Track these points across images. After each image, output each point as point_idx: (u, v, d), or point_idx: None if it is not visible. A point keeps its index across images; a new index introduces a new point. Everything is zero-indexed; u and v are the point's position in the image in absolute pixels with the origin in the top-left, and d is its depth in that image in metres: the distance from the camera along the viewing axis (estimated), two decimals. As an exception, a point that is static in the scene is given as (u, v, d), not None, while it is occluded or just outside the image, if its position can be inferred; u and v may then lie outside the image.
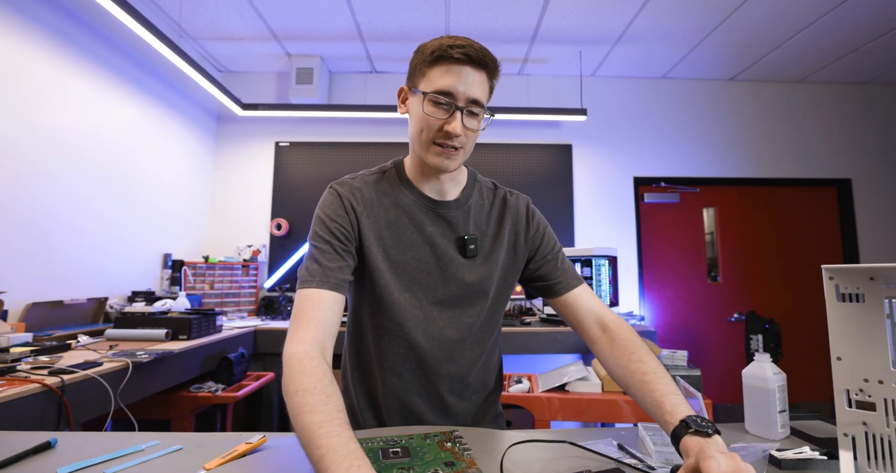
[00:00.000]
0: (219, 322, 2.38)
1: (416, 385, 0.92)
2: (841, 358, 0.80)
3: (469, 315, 0.93)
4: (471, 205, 0.96)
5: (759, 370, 0.99)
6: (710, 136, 3.71)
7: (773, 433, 0.95)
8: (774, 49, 3.24)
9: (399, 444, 0.75)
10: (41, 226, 2.16)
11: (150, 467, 0.67)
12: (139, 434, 0.81)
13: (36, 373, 1.36)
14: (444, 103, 0.82)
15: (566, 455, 0.76)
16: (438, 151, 0.85)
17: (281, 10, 2.85)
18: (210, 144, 3.61)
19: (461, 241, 0.93)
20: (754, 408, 0.97)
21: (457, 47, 0.80)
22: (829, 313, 0.81)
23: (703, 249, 3.69)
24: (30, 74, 2.09)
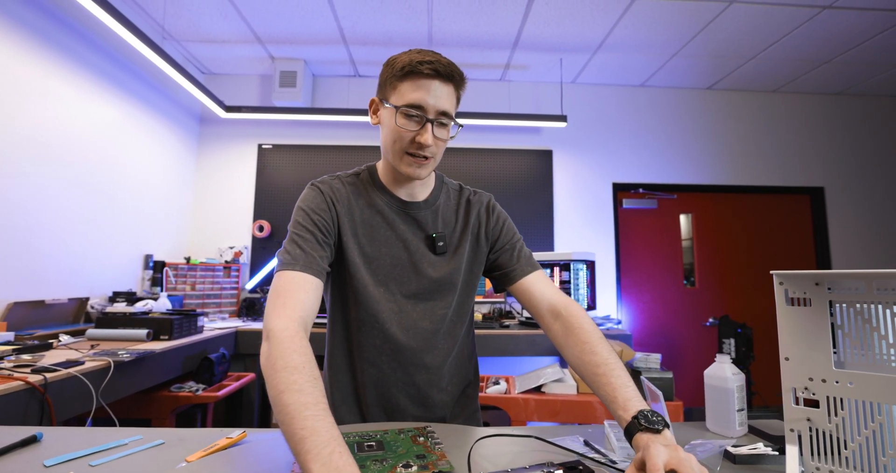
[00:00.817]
0: (200, 323, 2.38)
1: (393, 377, 0.96)
2: (789, 358, 0.84)
3: (441, 307, 0.99)
4: (439, 205, 1.03)
5: (720, 371, 1.04)
6: (687, 143, 3.80)
7: (732, 430, 0.99)
8: (750, 60, 3.34)
9: (374, 438, 0.79)
10: (22, 226, 2.15)
11: (134, 460, 0.69)
12: (123, 429, 0.83)
13: (18, 371, 1.37)
14: (416, 116, 0.86)
15: (533, 449, 0.79)
16: (410, 160, 0.90)
17: (265, 14, 2.86)
18: (192, 145, 3.60)
19: (430, 239, 0.99)
20: (714, 407, 1.02)
21: (426, 63, 0.84)
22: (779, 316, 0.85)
23: (679, 254, 3.78)
24: (10, 74, 2.08)
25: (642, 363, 2.23)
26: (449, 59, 0.89)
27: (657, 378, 2.12)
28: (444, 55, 0.91)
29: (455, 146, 3.65)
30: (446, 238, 1.00)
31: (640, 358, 2.25)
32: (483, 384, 2.31)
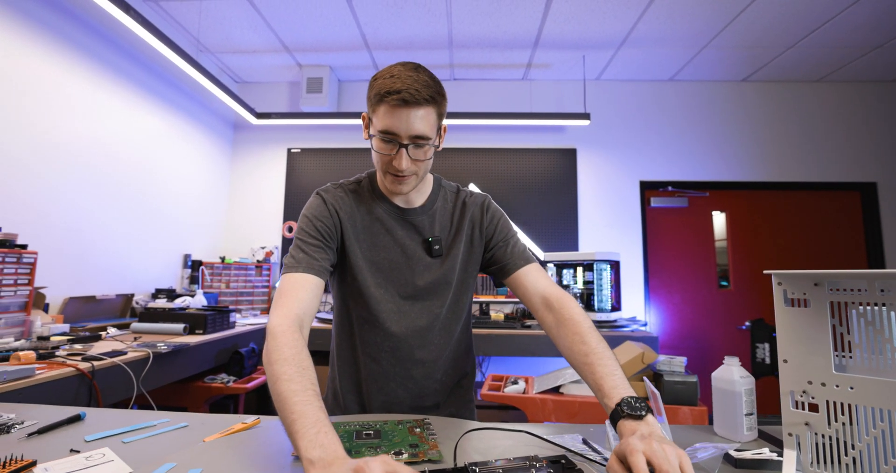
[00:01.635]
0: (232, 319, 2.51)
1: (392, 371, 1.03)
2: (787, 361, 0.82)
3: (436, 306, 1.04)
4: (436, 209, 1.07)
5: (728, 374, 1.01)
6: (720, 139, 3.66)
7: (739, 434, 0.97)
8: (788, 49, 3.19)
9: (373, 428, 0.83)
10: (75, 229, 2.35)
11: (160, 439, 0.78)
12: (153, 412, 0.93)
13: (71, 359, 1.52)
14: (390, 141, 0.90)
15: (524, 443, 0.81)
16: (392, 179, 0.95)
17: (291, 24, 2.98)
18: (227, 151, 3.78)
19: (427, 243, 1.03)
20: (722, 410, 1.00)
21: (394, 93, 0.85)
22: (777, 317, 0.83)
23: (712, 254, 3.64)
24: (62, 89, 2.27)
25: (665, 366, 2.17)
26: (425, 77, 0.89)
27: (680, 382, 2.06)
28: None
29: (478, 147, 3.67)
30: (442, 241, 1.04)
31: (663, 361, 2.19)
32: (501, 384, 2.32)
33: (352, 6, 2.77)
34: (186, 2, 2.75)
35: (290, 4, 2.76)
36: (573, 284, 2.92)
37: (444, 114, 0.95)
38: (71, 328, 2.02)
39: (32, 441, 0.76)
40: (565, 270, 2.97)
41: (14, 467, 0.61)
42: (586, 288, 2.87)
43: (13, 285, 1.81)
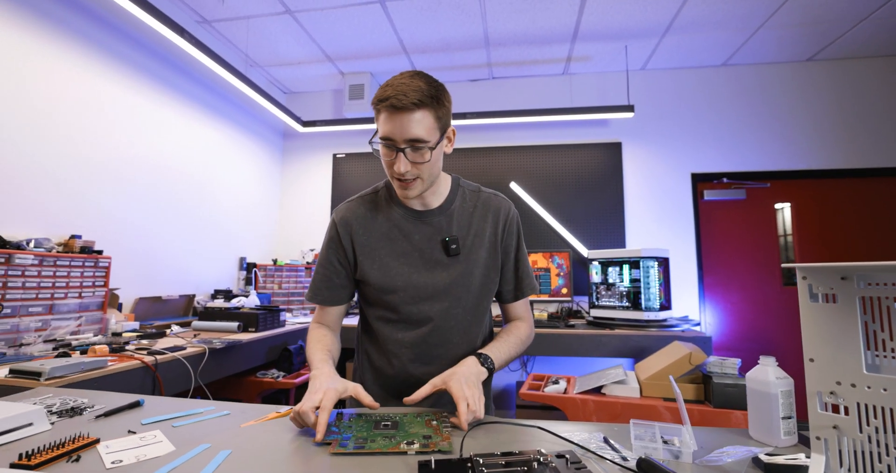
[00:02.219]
0: (282, 318, 2.64)
1: (411, 366, 1.08)
2: (813, 360, 0.78)
3: (454, 307, 1.07)
4: (454, 209, 1.09)
5: (762, 374, 0.96)
6: (781, 125, 3.41)
7: (776, 439, 0.91)
8: (860, 22, 2.91)
9: (392, 419, 0.87)
10: (143, 236, 2.59)
11: (204, 424, 0.87)
12: (201, 401, 1.03)
13: (139, 353, 1.69)
14: (389, 147, 0.94)
15: (537, 438, 0.82)
16: (398, 183, 1.00)
17: (332, 35, 3.11)
18: (277, 158, 4.00)
19: (444, 242, 1.06)
20: (757, 413, 0.95)
21: (384, 100, 0.90)
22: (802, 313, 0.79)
23: (775, 250, 3.40)
24: (130, 107, 2.52)
25: (716, 368, 2.06)
26: (418, 82, 0.92)
27: (731, 385, 1.95)
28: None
29: (519, 144, 3.64)
30: (459, 241, 1.07)
31: (713, 362, 2.07)
32: (541, 384, 2.30)
33: (388, 13, 2.84)
34: (235, 21, 2.94)
35: (329, 16, 2.88)
36: (619, 282, 2.83)
37: (444, 117, 0.97)
38: (140, 325, 2.23)
39: (98, 423, 0.87)
40: (611, 268, 2.88)
41: (81, 443, 0.73)
42: (633, 286, 2.77)
43: (91, 287, 2.03)
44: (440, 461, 0.68)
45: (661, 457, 0.78)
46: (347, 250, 1.08)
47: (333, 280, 1.10)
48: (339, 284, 1.10)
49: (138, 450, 0.73)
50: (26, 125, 1.97)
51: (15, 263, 1.74)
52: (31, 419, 0.81)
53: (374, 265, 1.06)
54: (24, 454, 0.67)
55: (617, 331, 2.62)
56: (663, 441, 0.82)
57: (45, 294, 1.85)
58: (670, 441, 0.82)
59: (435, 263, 1.06)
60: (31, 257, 1.80)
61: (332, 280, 1.10)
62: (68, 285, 1.94)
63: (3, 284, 1.70)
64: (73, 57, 2.18)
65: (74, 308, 1.96)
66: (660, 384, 2.10)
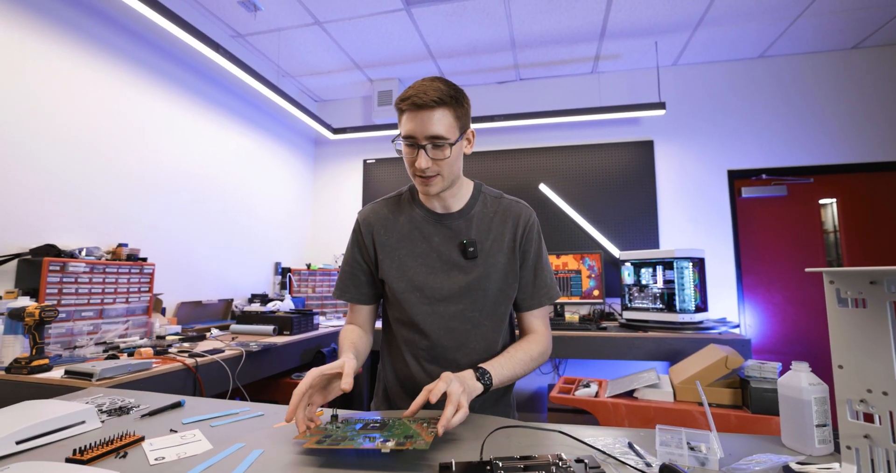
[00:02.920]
0: (316, 321, 2.71)
1: (429, 369, 1.09)
2: (842, 367, 0.76)
3: (472, 310, 1.08)
4: (474, 214, 1.11)
5: (794, 380, 0.94)
6: (824, 117, 3.25)
7: (810, 447, 0.89)
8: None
9: (382, 422, 0.86)
10: (185, 243, 2.72)
11: (239, 424, 0.92)
12: (238, 402, 1.09)
13: (180, 356, 1.78)
14: (411, 144, 0.99)
15: (557, 443, 0.82)
16: (419, 180, 1.03)
17: (360, 44, 3.18)
18: (309, 165, 4.11)
19: (462, 245, 1.08)
20: (790, 420, 0.92)
21: (405, 100, 0.97)
22: (830, 319, 0.77)
23: (821, 248, 3.24)
24: (173, 122, 2.66)
25: (755, 372, 1.98)
26: (439, 83, 0.98)
27: (770, 390, 1.88)
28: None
29: (548, 145, 3.61)
30: (477, 244, 1.08)
31: (751, 366, 2.00)
32: (572, 387, 2.28)
33: (414, 20, 2.89)
34: (267, 34, 3.05)
35: (357, 25, 2.95)
36: (652, 283, 2.77)
37: (463, 118, 1.01)
38: (182, 328, 2.33)
39: (143, 421, 0.93)
40: (643, 269, 2.82)
41: (128, 440, 0.79)
42: (667, 288, 2.71)
43: (137, 293, 2.14)
44: (461, 463, 0.70)
45: (686, 464, 0.77)
46: (369, 249, 1.11)
47: (359, 278, 1.13)
48: (364, 281, 1.14)
49: (179, 448, 0.78)
50: (73, 141, 2.10)
51: (69, 270, 1.85)
52: (84, 417, 0.88)
53: (392, 265, 1.09)
54: (78, 449, 0.73)
55: (650, 334, 2.56)
56: (690, 448, 0.81)
57: (95, 300, 1.95)
58: (697, 447, 0.81)
59: (452, 265, 1.07)
60: (83, 264, 1.91)
61: (357, 278, 1.14)
62: (116, 290, 2.04)
63: (58, 290, 1.81)
64: (114, 73, 2.31)
65: (122, 313, 2.06)
66: (695, 389, 2.04)
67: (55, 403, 0.92)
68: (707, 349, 2.22)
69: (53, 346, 1.75)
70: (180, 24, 2.19)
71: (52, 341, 1.75)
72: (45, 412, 0.84)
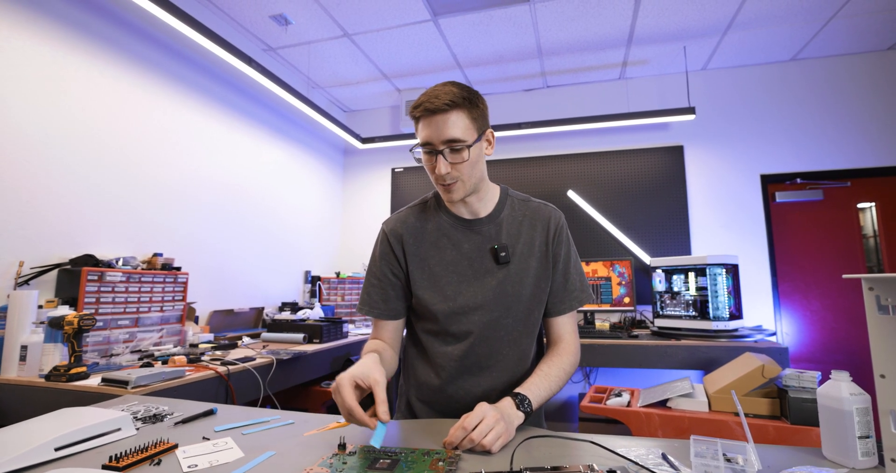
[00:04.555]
0: (345, 329, 2.74)
1: (460, 379, 1.07)
2: (885, 376, 0.74)
3: (504, 317, 1.05)
4: (503, 218, 1.09)
5: (835, 390, 0.91)
6: (861, 119, 3.15)
7: (853, 460, 0.86)
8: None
9: (393, 457, 0.77)
10: (218, 252, 2.78)
11: (270, 432, 0.93)
12: (269, 410, 1.08)
13: (213, 363, 1.80)
14: (429, 151, 0.98)
15: (589, 453, 0.80)
16: (441, 188, 1.02)
17: (388, 55, 3.24)
18: (339, 174, 4.19)
19: (493, 250, 1.06)
20: (830, 432, 0.90)
21: (417, 107, 0.96)
22: (870, 326, 0.76)
23: (860, 253, 3.12)
24: (207, 134, 2.74)
25: (793, 381, 1.92)
26: (450, 87, 0.96)
27: (809, 400, 1.82)
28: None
29: (576, 152, 3.59)
30: (508, 249, 1.05)
31: (789, 375, 1.93)
32: (604, 396, 2.25)
33: (441, 30, 2.93)
34: (297, 47, 3.15)
35: (385, 37, 3.01)
36: (684, 290, 2.71)
37: (479, 119, 0.99)
38: (214, 337, 2.37)
39: (177, 429, 0.94)
40: (675, 276, 2.76)
41: (162, 447, 0.80)
42: (699, 295, 2.64)
43: (172, 301, 2.18)
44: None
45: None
46: (400, 261, 1.08)
47: (388, 292, 1.09)
48: (393, 295, 1.09)
49: (211, 456, 0.78)
50: (112, 154, 2.17)
51: (106, 280, 1.88)
52: (120, 424, 0.89)
53: (423, 275, 1.07)
54: (114, 456, 0.74)
55: (683, 342, 2.50)
56: (726, 459, 0.79)
57: (131, 308, 1.97)
58: (734, 459, 0.80)
59: (484, 272, 1.05)
60: (120, 274, 1.93)
61: (386, 292, 1.09)
62: (151, 299, 2.07)
63: (96, 299, 1.84)
64: (150, 87, 2.38)
65: (157, 321, 2.09)
66: (731, 399, 1.99)
67: (92, 410, 0.94)
68: (743, 358, 2.15)
69: (91, 354, 1.77)
70: (214, 39, 2.26)
71: (90, 349, 1.77)
72: (82, 420, 0.85)
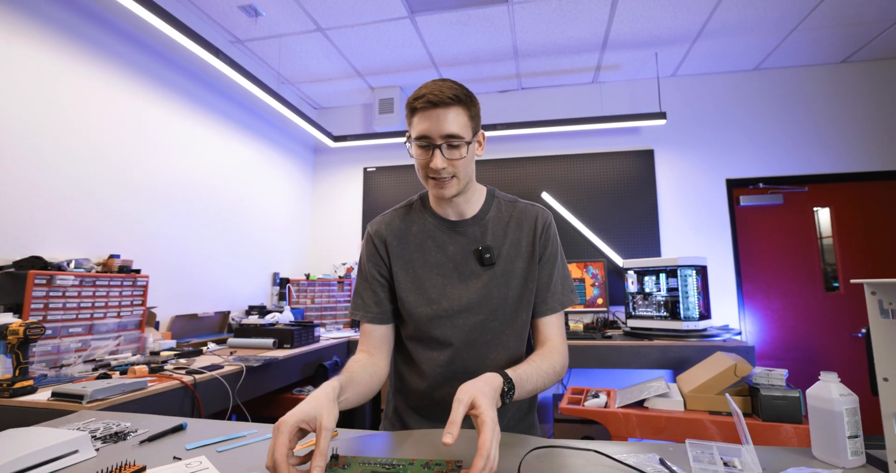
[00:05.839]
0: (317, 333, 2.65)
1: (447, 386, 1.02)
2: (888, 379, 0.75)
3: (492, 320, 1.03)
4: (489, 219, 1.07)
5: (825, 391, 0.93)
6: (817, 128, 3.33)
7: (843, 459, 0.88)
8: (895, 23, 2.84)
9: (393, 469, 0.73)
10: (180, 254, 2.63)
11: (248, 449, 0.86)
12: (244, 423, 1.00)
13: (177, 373, 1.69)
14: (425, 145, 0.95)
15: (593, 463, 0.79)
16: (433, 183, 0.98)
17: (362, 51, 3.16)
18: (309, 174, 4.07)
19: (478, 252, 1.04)
20: (820, 432, 0.91)
21: (419, 98, 0.93)
22: (873, 330, 0.76)
23: (816, 255, 3.29)
24: (170, 130, 2.59)
25: (763, 379, 1.98)
26: (451, 83, 0.95)
27: (780, 397, 1.88)
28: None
29: (549, 154, 3.63)
30: (493, 250, 1.03)
31: (759, 374, 2.00)
32: (581, 397, 2.26)
33: (417, 28, 2.88)
34: (267, 40, 3.03)
35: (359, 33, 2.93)
36: (655, 291, 2.77)
37: (476, 117, 0.98)
38: (177, 343, 2.24)
39: (143, 448, 0.85)
40: (647, 277, 2.82)
41: (128, 471, 0.71)
42: (671, 296, 2.71)
43: (130, 306, 2.02)
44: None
45: (725, 481, 0.75)
46: (385, 262, 1.06)
47: (380, 295, 1.06)
48: (385, 298, 1.06)
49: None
50: (64, 147, 2.01)
51: (56, 284, 1.71)
52: (77, 446, 0.79)
53: (408, 278, 1.04)
54: None
55: (655, 342, 2.55)
56: (723, 463, 0.79)
57: (84, 314, 1.82)
58: (730, 462, 0.79)
59: (469, 274, 1.03)
60: (72, 277, 1.77)
61: (378, 295, 1.06)
62: (107, 304, 1.92)
63: (44, 305, 1.67)
64: (110, 78, 2.23)
65: (113, 328, 1.94)
66: (705, 397, 2.04)
67: (43, 430, 0.85)
68: (715, 357, 2.21)
69: (37, 365, 1.61)
70: (179, 27, 2.14)
71: (37, 359, 1.62)
72: (31, 442, 0.76)
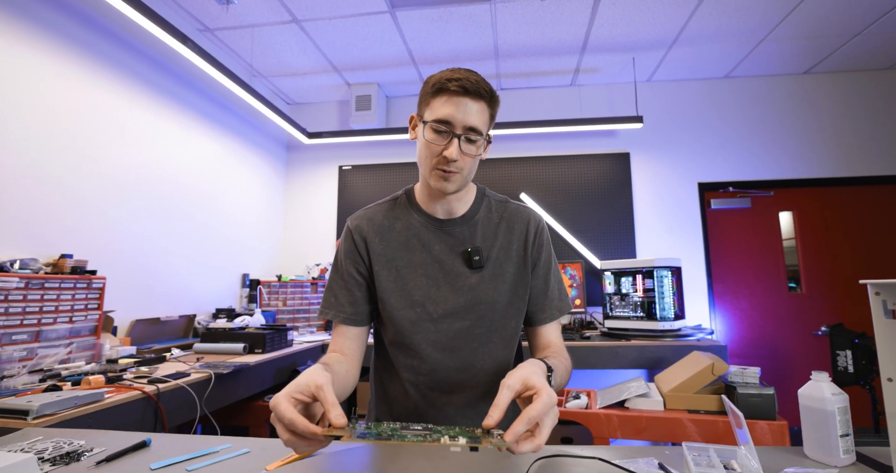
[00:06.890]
0: (290, 337, 2.54)
1: (431, 395, 0.97)
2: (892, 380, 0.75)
3: (479, 327, 0.97)
4: (478, 220, 1.01)
5: (817, 391, 0.93)
6: (783, 135, 3.47)
7: (835, 458, 0.88)
8: (854, 37, 2.99)
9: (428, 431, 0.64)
10: (141, 253, 2.46)
11: (223, 466, 0.77)
12: (216, 437, 0.91)
13: (138, 382, 1.55)
14: (444, 131, 0.88)
15: (596, 470, 0.77)
16: (439, 174, 0.90)
17: (340, 45, 3.07)
18: (281, 171, 3.93)
19: (466, 254, 0.97)
20: (812, 431, 0.92)
21: (454, 80, 0.85)
22: (877, 331, 0.77)
23: (781, 256, 3.43)
24: (129, 121, 2.41)
25: (738, 378, 2.04)
26: (481, 77, 0.90)
27: (755, 395, 1.93)
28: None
29: (527, 155, 3.64)
30: (483, 252, 0.98)
31: (735, 372, 2.05)
32: (562, 399, 2.26)
33: (398, 24, 2.83)
34: (239, 30, 2.90)
35: (337, 26, 2.85)
36: (632, 292, 2.81)
37: (493, 118, 0.94)
38: (137, 349, 2.07)
39: (101, 469, 0.76)
40: (623, 278, 2.86)
41: None
42: (646, 296, 2.76)
43: (84, 310, 1.86)
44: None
45: (728, 484, 0.74)
46: (364, 260, 0.99)
47: (356, 294, 0.98)
48: (361, 297, 0.98)
49: None
50: (12, 136, 1.84)
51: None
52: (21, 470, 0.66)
53: (389, 278, 0.97)
54: None
55: (633, 342, 2.59)
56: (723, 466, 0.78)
57: (30, 320, 1.66)
58: (728, 464, 0.78)
59: (456, 276, 0.96)
60: (16, 279, 1.61)
61: (354, 294, 0.98)
62: (57, 309, 1.75)
63: None
64: (63, 61, 2.05)
65: (64, 334, 1.78)
66: (684, 397, 2.07)
67: None
68: (691, 357, 2.25)
69: None
70: (144, 12, 2.00)
71: None
72: None
